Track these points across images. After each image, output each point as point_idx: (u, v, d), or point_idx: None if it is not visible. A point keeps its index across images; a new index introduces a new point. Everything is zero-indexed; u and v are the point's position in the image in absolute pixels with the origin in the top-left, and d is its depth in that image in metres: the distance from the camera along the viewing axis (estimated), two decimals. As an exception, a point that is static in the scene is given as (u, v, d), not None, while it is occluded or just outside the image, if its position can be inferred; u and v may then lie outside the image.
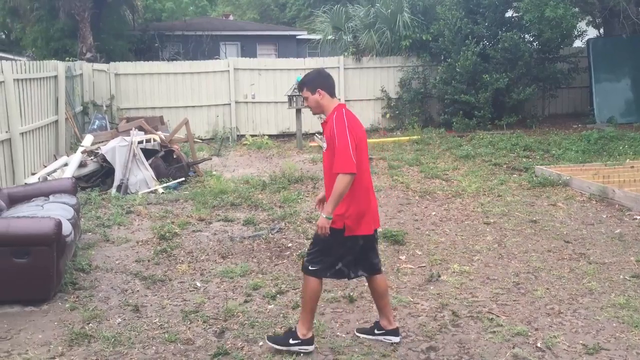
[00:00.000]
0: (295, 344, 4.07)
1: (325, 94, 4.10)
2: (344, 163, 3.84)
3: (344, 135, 3.90)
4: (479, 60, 14.05)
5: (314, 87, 4.11)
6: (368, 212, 4.06)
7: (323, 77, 4.21)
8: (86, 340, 4.29)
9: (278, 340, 4.13)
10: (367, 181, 4.09)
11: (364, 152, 4.09)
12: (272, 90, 15.05)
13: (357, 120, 4.13)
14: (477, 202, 8.13)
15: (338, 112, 4.05)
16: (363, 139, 4.09)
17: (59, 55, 17.35)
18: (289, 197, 8.36)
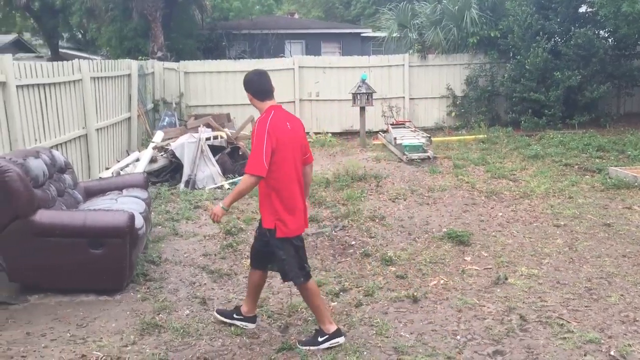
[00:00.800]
0: (324, 340, 4.19)
1: (253, 97, 4.25)
2: (253, 165, 3.99)
3: (261, 138, 4.00)
4: (549, 57, 13.62)
5: (246, 88, 4.30)
6: (297, 214, 4.19)
7: (253, 80, 4.28)
8: (156, 330, 4.44)
9: (308, 343, 4.22)
10: (287, 183, 4.14)
11: (288, 157, 4.12)
12: (336, 88, 15.09)
13: (284, 123, 4.16)
14: (546, 204, 7.89)
15: (265, 114, 4.15)
16: (288, 142, 4.13)
17: (132, 54, 17.99)
18: (352, 194, 8.36)
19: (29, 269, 4.96)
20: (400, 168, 10.30)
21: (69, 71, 8.02)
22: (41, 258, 4.92)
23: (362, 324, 4.55)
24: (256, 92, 4.26)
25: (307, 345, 4.19)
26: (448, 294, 5.11)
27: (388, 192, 8.69)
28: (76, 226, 4.94)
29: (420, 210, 7.77)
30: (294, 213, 4.16)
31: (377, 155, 11.45)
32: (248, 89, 4.28)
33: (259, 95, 4.25)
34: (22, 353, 4.09)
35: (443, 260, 5.97)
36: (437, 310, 4.78)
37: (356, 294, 5.15)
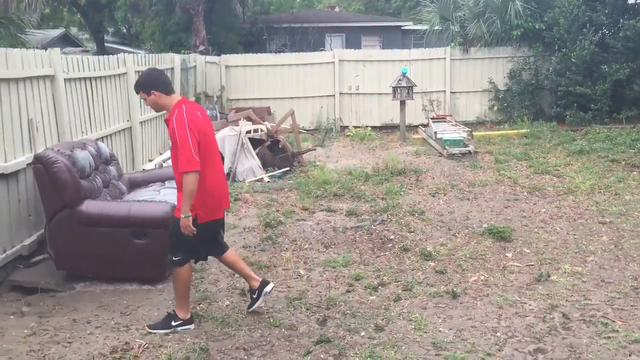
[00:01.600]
0: (177, 324, 4.35)
1: (161, 94, 4.24)
2: (188, 162, 4.03)
3: (185, 133, 4.04)
4: (597, 50, 13.23)
5: (148, 89, 4.24)
6: (218, 198, 4.33)
7: (155, 77, 4.31)
8: (197, 320, 4.52)
9: (159, 326, 4.37)
10: (212, 171, 4.25)
11: (209, 144, 4.26)
12: (376, 81, 15.00)
13: (196, 113, 4.23)
14: (591, 200, 7.70)
15: (178, 110, 4.14)
16: (207, 131, 4.26)
17: (174, 48, 18.25)
18: (391, 189, 8.32)
19: (75, 257, 5.11)
20: (441, 163, 10.20)
21: (115, 65, 8.19)
22: (87, 247, 5.07)
23: (400, 319, 4.53)
24: (163, 87, 4.28)
25: (158, 328, 4.35)
26: (488, 291, 5.05)
27: (428, 186, 8.62)
28: (121, 216, 5.07)
29: (460, 206, 7.68)
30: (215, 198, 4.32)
31: (417, 150, 11.36)
32: (154, 87, 4.24)
33: (166, 89, 4.28)
34: (68, 339, 4.22)
35: (483, 256, 5.90)
36: (477, 307, 4.73)
37: (395, 289, 5.14)
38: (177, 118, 4.11)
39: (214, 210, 4.33)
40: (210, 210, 4.29)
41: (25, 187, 5.49)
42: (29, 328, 4.38)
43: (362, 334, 4.28)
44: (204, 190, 4.18)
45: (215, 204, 4.33)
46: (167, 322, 4.38)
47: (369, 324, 4.43)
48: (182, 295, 4.39)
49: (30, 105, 5.64)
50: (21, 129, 5.45)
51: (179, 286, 4.38)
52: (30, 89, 5.67)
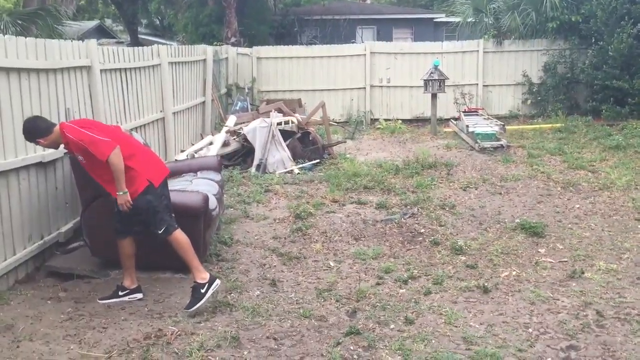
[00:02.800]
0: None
1: (47, 137, 4.50)
2: (103, 149, 4.35)
3: (81, 133, 4.40)
4: (635, 43, 12.88)
5: (39, 137, 4.53)
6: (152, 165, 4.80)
7: (34, 127, 4.53)
8: (228, 309, 4.58)
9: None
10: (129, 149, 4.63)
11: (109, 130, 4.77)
12: (407, 74, 14.88)
13: (79, 120, 4.98)
14: (627, 197, 7.54)
15: (66, 131, 4.44)
16: (96, 122, 4.95)
17: (207, 39, 18.39)
18: (422, 182, 8.28)
19: (110, 245, 5.19)
20: (472, 156, 10.10)
21: (149, 56, 8.29)
22: (121, 235, 5.14)
23: (430, 312, 4.52)
24: (43, 132, 4.52)
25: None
26: (520, 286, 4.99)
27: (459, 180, 8.55)
28: (154, 205, 5.13)
29: (492, 200, 7.60)
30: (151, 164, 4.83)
31: (448, 143, 11.26)
32: (38, 135, 4.52)
33: (45, 131, 4.52)
34: (104, 324, 4.31)
35: (515, 251, 5.84)
36: (509, 302, 4.68)
37: (425, 282, 5.12)
38: (70, 133, 4.42)
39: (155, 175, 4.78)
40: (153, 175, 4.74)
41: (63, 175, 5.62)
42: (66, 313, 4.49)
43: (392, 327, 4.28)
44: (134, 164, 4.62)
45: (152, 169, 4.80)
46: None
47: (398, 316, 4.43)
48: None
49: (67, 95, 5.75)
50: (58, 118, 5.56)
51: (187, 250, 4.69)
52: (68, 79, 5.78)
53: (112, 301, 4.69)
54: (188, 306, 4.54)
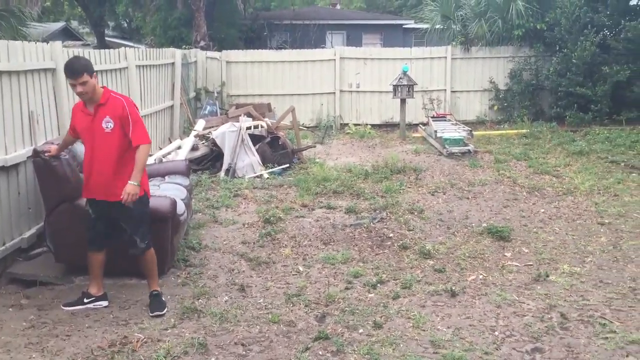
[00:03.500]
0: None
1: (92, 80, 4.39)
2: (144, 133, 4.47)
3: (134, 108, 4.49)
4: (598, 51, 13.22)
5: (92, 71, 4.41)
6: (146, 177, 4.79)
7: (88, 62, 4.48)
8: (196, 315, 4.53)
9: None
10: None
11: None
12: (377, 79, 14.98)
13: None
14: (590, 201, 7.71)
15: (119, 95, 4.55)
16: None
17: (175, 43, 18.23)
18: (391, 187, 8.33)
19: (75, 251, 5.10)
20: (440, 161, 10.21)
21: (116, 59, 8.18)
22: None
23: (399, 316, 4.54)
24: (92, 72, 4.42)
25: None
26: (487, 290, 5.06)
27: (427, 185, 8.63)
28: (120, 211, 5.05)
29: (459, 204, 7.69)
30: None
31: (416, 148, 11.36)
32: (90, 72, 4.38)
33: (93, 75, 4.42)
34: (67, 332, 4.23)
35: (482, 255, 5.91)
36: (476, 305, 4.74)
37: (393, 286, 5.15)
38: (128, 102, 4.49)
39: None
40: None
41: (25, 180, 5.49)
42: (28, 321, 4.39)
43: (361, 331, 4.29)
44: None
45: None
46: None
47: (367, 321, 4.44)
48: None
49: (31, 98, 5.63)
50: (22, 121, 5.45)
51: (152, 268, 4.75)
52: (32, 81, 5.66)
53: (76, 308, 4.61)
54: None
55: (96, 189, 4.51)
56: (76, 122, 4.56)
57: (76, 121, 4.56)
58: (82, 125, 4.50)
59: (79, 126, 4.53)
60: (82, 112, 4.51)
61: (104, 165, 4.44)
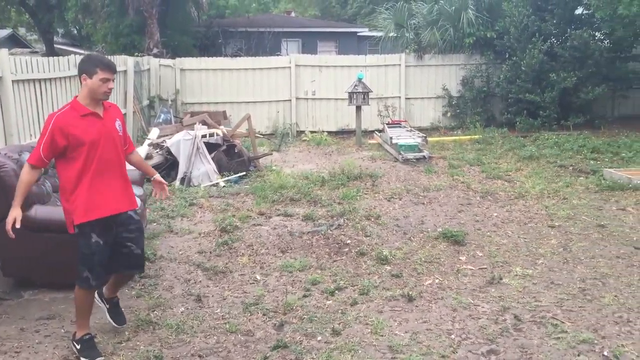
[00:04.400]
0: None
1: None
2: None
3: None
4: (545, 59, 13.66)
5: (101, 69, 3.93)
6: None
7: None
8: (151, 327, 4.44)
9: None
10: None
11: None
12: (332, 87, 15.08)
13: None
14: (541, 205, 7.92)
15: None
16: None
17: (128, 50, 17.92)
18: (348, 193, 8.37)
19: (24, 264, 4.95)
20: (396, 167, 10.32)
21: (65, 67, 7.99)
22: (35, 254, 4.91)
23: (357, 323, 4.55)
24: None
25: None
26: (443, 293, 5.12)
27: (383, 191, 8.70)
28: (71, 222, 4.92)
29: (415, 210, 7.78)
30: None
31: (372, 155, 11.46)
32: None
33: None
34: (16, 348, 4.08)
35: (438, 259, 5.99)
36: (432, 310, 4.79)
37: (351, 293, 5.16)
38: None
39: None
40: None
41: (-30, 191, 5.28)
42: (-26, 338, 4.21)
43: (319, 339, 4.28)
44: None
45: None
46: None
47: (325, 328, 4.44)
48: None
49: (-25, 107, 5.44)
50: (-34, 131, 5.26)
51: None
52: (-24, 90, 5.48)
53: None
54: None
55: (113, 201, 3.97)
56: (80, 131, 3.81)
57: (79, 131, 3.81)
58: (92, 133, 3.84)
59: (88, 134, 3.82)
60: (84, 119, 3.85)
61: (119, 171, 4.04)
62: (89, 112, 3.89)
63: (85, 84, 3.87)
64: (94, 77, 3.85)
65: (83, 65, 3.92)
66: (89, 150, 3.84)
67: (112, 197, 3.96)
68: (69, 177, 3.86)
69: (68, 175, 3.86)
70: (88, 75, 3.86)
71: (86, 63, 3.93)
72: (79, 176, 3.84)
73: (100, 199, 3.89)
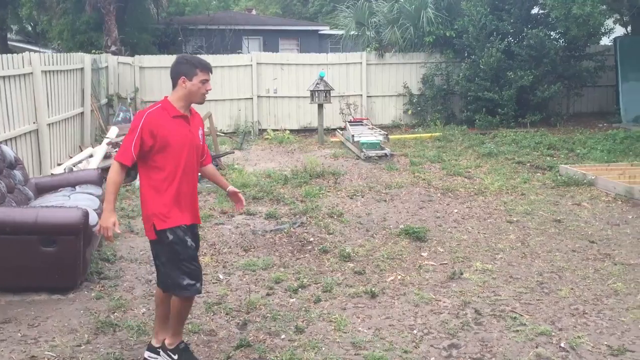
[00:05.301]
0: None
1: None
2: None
3: None
4: (503, 58, 13.92)
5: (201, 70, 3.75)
6: None
7: None
8: (111, 329, 4.36)
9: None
10: None
11: None
12: (294, 85, 15.07)
13: None
14: (500, 201, 8.08)
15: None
16: None
17: (85, 47, 17.55)
18: (310, 191, 8.38)
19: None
20: (358, 165, 10.37)
21: (19, 64, 7.78)
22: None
23: (320, 320, 4.56)
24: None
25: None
26: (405, 289, 5.18)
27: (346, 189, 8.74)
28: (27, 223, 4.79)
29: (377, 207, 7.84)
30: None
31: (335, 153, 11.50)
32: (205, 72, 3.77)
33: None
34: (-30, 355, 3.96)
35: (400, 256, 6.05)
36: (395, 306, 4.84)
37: (315, 290, 5.17)
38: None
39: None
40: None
41: None
42: None
43: (283, 337, 4.27)
44: None
45: None
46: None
47: (289, 326, 4.43)
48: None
49: None
50: None
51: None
52: None
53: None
54: None
55: (195, 210, 3.83)
56: (168, 133, 3.60)
57: (167, 132, 3.59)
58: (180, 136, 3.64)
59: (175, 137, 3.62)
60: (174, 121, 3.65)
61: (196, 180, 3.85)
62: (180, 114, 3.69)
63: (184, 86, 3.67)
64: (194, 79, 3.66)
65: (181, 67, 3.71)
66: (175, 153, 3.63)
67: (193, 205, 3.82)
68: (157, 179, 3.62)
69: (156, 177, 3.62)
70: (187, 77, 3.66)
71: (184, 64, 3.71)
72: (167, 178, 3.63)
73: (187, 204, 3.74)
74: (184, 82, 3.67)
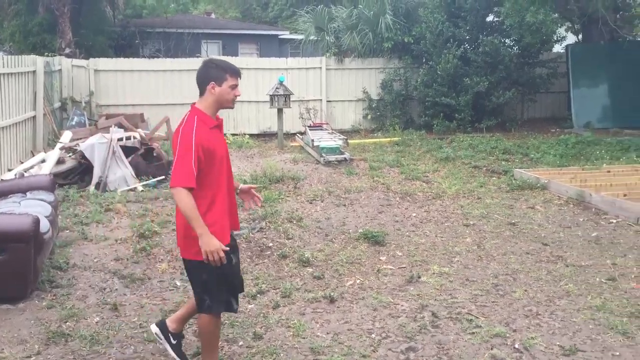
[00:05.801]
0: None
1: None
2: None
3: None
4: (459, 64, 14.17)
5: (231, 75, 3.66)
6: None
7: None
8: (63, 339, 4.24)
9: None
10: None
11: None
12: (254, 89, 14.99)
13: None
14: (456, 204, 8.20)
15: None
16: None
17: (38, 50, 17.09)
18: (270, 196, 8.34)
19: None
20: (318, 170, 10.38)
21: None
22: None
23: (279, 326, 4.54)
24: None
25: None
26: (364, 294, 5.20)
27: (305, 193, 8.74)
28: (-26, 231, 4.64)
29: (337, 212, 7.86)
30: None
31: (294, 157, 11.47)
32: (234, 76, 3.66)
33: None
34: None
35: (359, 260, 6.07)
36: (353, 310, 4.85)
37: (273, 296, 5.14)
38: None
39: None
40: None
41: None
42: None
43: (240, 344, 4.24)
44: None
45: None
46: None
47: (247, 332, 4.40)
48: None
49: None
50: None
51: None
52: None
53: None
54: None
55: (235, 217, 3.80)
56: (212, 145, 3.45)
57: (212, 145, 3.45)
58: (220, 146, 3.54)
59: (218, 149, 3.50)
60: (212, 132, 3.50)
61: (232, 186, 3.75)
62: (215, 124, 3.53)
63: (213, 92, 3.52)
64: (223, 85, 3.52)
65: (210, 72, 3.56)
66: (219, 166, 3.49)
67: (234, 213, 3.75)
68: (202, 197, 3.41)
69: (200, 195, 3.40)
70: (217, 83, 3.51)
71: (213, 69, 3.56)
72: (213, 195, 3.46)
73: (230, 217, 3.64)
74: (214, 87, 3.53)
